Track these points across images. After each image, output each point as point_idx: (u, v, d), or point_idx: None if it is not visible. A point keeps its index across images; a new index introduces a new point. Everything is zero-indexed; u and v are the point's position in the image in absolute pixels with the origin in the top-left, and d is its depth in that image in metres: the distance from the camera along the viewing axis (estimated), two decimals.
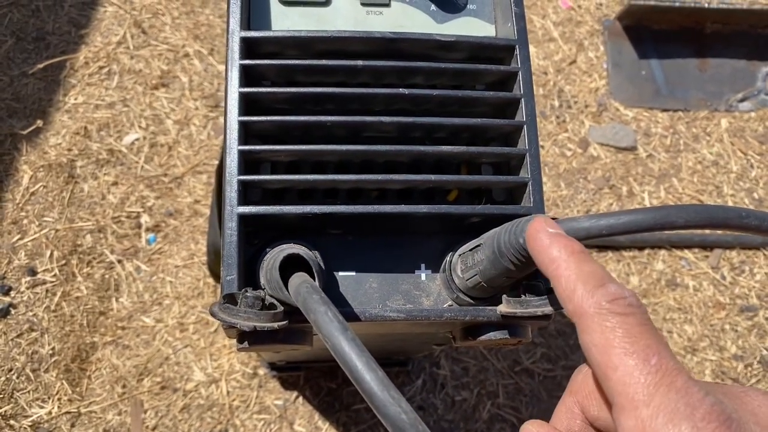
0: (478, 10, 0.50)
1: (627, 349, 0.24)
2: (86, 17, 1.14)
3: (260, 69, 0.44)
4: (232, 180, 0.41)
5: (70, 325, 0.90)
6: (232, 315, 0.35)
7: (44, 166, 1.00)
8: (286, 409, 0.90)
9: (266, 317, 0.35)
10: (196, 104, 1.09)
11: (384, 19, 0.50)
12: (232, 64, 0.43)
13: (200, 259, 0.97)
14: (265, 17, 0.49)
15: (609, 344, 0.25)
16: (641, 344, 0.24)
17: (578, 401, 0.31)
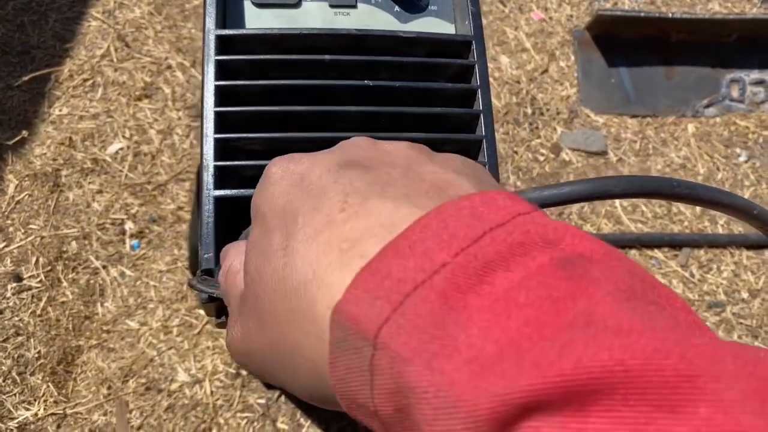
0: (439, 10, 0.53)
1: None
2: (70, 31, 1.16)
3: (234, 64, 0.47)
4: (209, 165, 0.44)
5: (56, 329, 0.92)
6: (209, 285, 0.37)
7: (29, 176, 1.02)
8: (269, 408, 0.92)
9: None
10: (178, 114, 1.11)
11: (351, 19, 0.54)
12: (208, 60, 0.47)
13: (183, 264, 1.00)
14: (240, 18, 0.52)
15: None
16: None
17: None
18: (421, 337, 0.20)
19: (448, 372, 0.19)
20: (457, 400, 0.18)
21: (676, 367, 0.16)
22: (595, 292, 0.19)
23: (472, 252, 0.21)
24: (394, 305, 0.20)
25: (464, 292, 0.20)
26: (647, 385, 0.16)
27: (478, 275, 0.20)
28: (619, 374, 0.16)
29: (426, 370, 0.19)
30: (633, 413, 0.16)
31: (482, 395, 0.18)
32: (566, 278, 0.20)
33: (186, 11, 1.22)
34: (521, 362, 0.18)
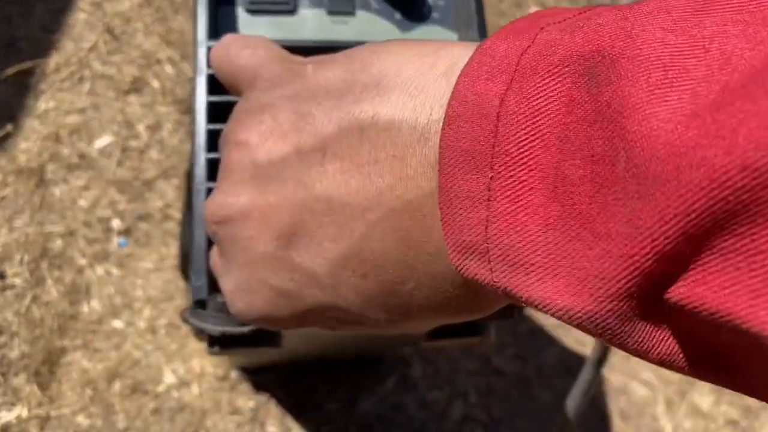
0: (441, 18, 0.51)
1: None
2: (58, 23, 1.14)
3: None
4: (201, 188, 0.42)
5: (40, 329, 0.90)
6: (201, 320, 0.36)
7: (14, 171, 0.99)
8: (258, 411, 0.90)
9: (236, 321, 0.36)
10: (168, 109, 1.09)
11: (349, 27, 0.52)
12: (200, 73, 0.45)
13: (171, 262, 0.98)
14: (232, 26, 0.50)
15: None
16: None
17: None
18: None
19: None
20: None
21: None
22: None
23: (499, 149, 0.21)
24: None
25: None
26: None
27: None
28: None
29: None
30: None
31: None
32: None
33: (176, 4, 1.19)
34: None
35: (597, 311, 0.19)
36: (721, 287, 0.16)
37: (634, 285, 0.18)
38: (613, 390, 1.00)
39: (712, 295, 0.16)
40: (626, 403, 0.99)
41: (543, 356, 1.00)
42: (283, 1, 0.50)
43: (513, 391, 0.97)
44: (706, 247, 0.16)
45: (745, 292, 0.16)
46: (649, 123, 0.17)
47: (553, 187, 0.19)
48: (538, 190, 0.20)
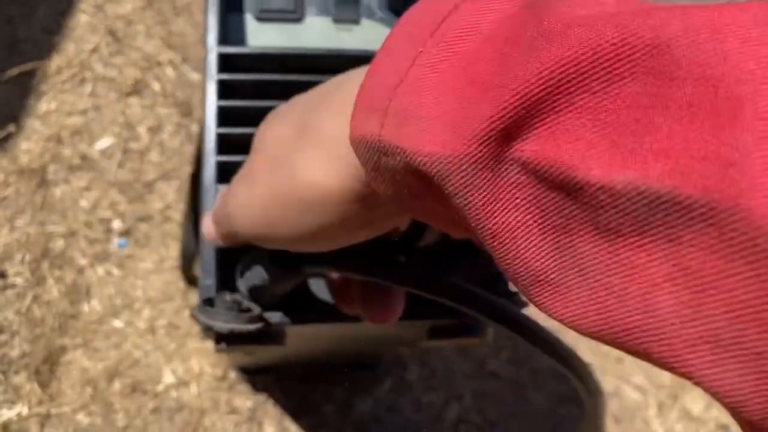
0: None
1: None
2: (59, 25, 1.15)
3: (236, 83, 0.47)
4: (210, 189, 0.44)
5: (41, 328, 0.91)
6: (210, 317, 0.37)
7: (16, 171, 1.00)
8: (256, 411, 0.91)
9: (243, 319, 0.37)
10: (168, 111, 1.10)
11: (354, 35, 0.53)
12: (210, 79, 0.46)
13: (171, 263, 0.99)
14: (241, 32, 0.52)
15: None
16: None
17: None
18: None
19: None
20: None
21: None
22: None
23: (438, 34, 0.23)
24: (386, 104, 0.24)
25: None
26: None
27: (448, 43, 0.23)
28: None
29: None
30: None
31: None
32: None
33: (177, 7, 1.21)
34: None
35: (458, 154, 0.20)
36: (567, 141, 0.18)
37: (497, 128, 0.19)
38: (606, 394, 1.01)
39: (557, 148, 0.18)
40: (619, 406, 1.01)
41: (537, 360, 1.02)
42: (291, 9, 0.52)
43: (507, 394, 0.99)
44: (568, 101, 0.18)
45: (583, 144, 0.18)
46: (560, 13, 0.20)
47: (466, 64, 0.22)
48: (452, 66, 0.22)
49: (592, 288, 0.19)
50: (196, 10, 1.21)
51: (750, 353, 0.15)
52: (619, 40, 0.17)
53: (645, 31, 0.17)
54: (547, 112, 0.18)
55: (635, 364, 1.04)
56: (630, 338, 0.18)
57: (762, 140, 0.14)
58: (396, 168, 0.23)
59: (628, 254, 0.17)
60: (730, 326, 0.15)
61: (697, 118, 0.16)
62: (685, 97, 0.16)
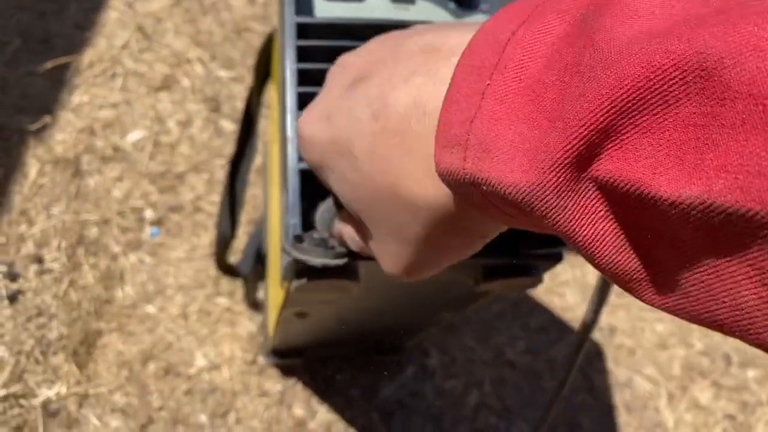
0: (489, 9, 0.58)
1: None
2: (91, 21, 1.18)
3: (311, 49, 0.51)
4: (294, 140, 0.48)
5: (77, 312, 0.94)
6: (303, 252, 0.40)
7: (51, 161, 1.04)
8: (285, 394, 0.94)
9: (332, 255, 0.41)
10: (197, 106, 1.14)
11: (410, 13, 0.58)
12: (289, 45, 0.50)
13: (202, 252, 1.02)
14: (309, 9, 0.56)
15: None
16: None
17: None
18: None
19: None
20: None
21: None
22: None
23: (501, 65, 0.25)
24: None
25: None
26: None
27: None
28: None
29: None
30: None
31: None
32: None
33: (205, 6, 1.24)
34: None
35: (539, 182, 0.22)
36: (636, 160, 0.19)
37: (572, 155, 0.21)
38: (618, 384, 1.05)
39: (628, 167, 0.19)
40: (630, 396, 1.05)
41: (553, 351, 1.06)
42: None
43: (524, 382, 1.02)
44: (632, 123, 0.19)
45: (651, 162, 0.19)
46: (613, 34, 0.21)
47: (532, 92, 0.23)
48: (519, 95, 0.23)
49: (682, 285, 0.21)
50: (222, 9, 1.25)
51: None
52: (670, 66, 0.18)
53: (692, 55, 0.18)
54: (615, 135, 0.20)
55: (647, 357, 1.08)
56: (724, 329, 0.20)
57: None
58: (484, 194, 0.25)
59: (709, 259, 0.19)
60: None
61: (750, 135, 0.17)
62: (737, 116, 0.17)
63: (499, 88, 0.24)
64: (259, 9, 1.28)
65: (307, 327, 0.73)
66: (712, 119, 0.18)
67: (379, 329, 0.84)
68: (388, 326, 0.83)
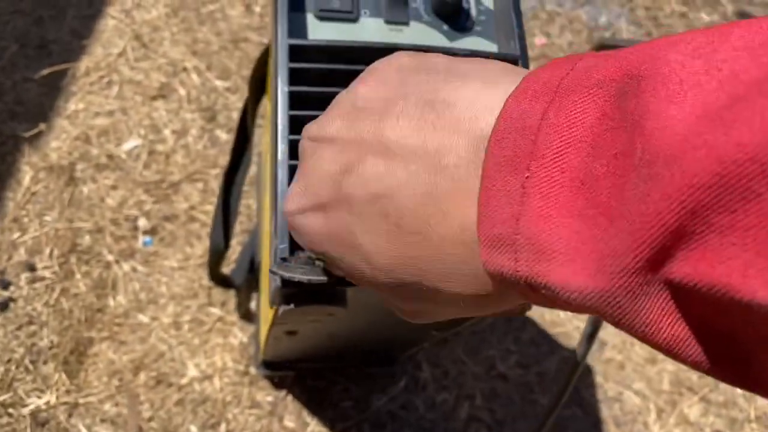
0: (483, 31, 0.58)
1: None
2: (88, 29, 1.18)
3: (303, 71, 0.51)
4: (284, 164, 0.48)
5: (69, 320, 0.93)
6: (289, 271, 0.41)
7: (45, 168, 1.03)
8: (277, 406, 0.94)
9: (318, 272, 0.41)
10: (193, 116, 1.14)
11: (404, 35, 0.58)
12: (282, 67, 0.50)
13: (195, 262, 1.02)
14: (303, 29, 0.56)
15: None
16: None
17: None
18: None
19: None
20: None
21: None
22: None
23: (539, 154, 0.23)
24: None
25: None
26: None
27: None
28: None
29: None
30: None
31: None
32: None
33: (202, 15, 1.25)
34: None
35: (609, 288, 0.20)
36: (719, 261, 0.18)
37: (643, 259, 0.19)
38: (608, 399, 1.06)
39: (710, 269, 0.18)
40: (620, 411, 1.05)
41: (544, 364, 1.06)
42: (348, 9, 0.57)
43: (515, 395, 1.03)
44: (706, 223, 0.18)
45: (739, 264, 0.17)
46: (665, 120, 0.19)
47: (581, 184, 0.21)
48: (566, 188, 0.22)
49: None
50: (219, 19, 1.25)
51: None
52: (745, 160, 0.17)
53: (765, 146, 0.17)
54: (689, 237, 0.18)
55: (636, 372, 1.08)
56: None
57: None
58: (542, 294, 0.23)
59: None
60: None
61: None
62: None
63: (541, 181, 0.22)
64: (256, 19, 1.28)
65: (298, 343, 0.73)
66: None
67: (369, 344, 0.84)
68: (378, 341, 0.83)
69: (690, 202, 0.18)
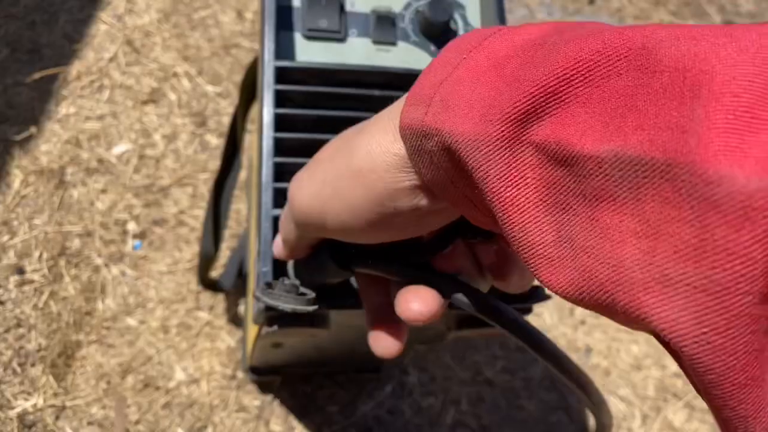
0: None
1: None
2: (80, 33, 1.19)
3: (290, 94, 0.52)
4: (268, 187, 0.49)
5: (57, 323, 0.94)
6: (273, 298, 0.41)
7: (35, 172, 1.04)
8: (263, 409, 0.95)
9: (302, 301, 0.42)
10: (183, 121, 1.14)
11: (392, 55, 0.59)
12: (267, 89, 0.51)
13: (183, 266, 1.02)
14: (290, 49, 0.57)
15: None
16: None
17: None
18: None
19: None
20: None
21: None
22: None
23: (480, 46, 0.28)
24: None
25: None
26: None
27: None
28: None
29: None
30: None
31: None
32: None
33: (193, 21, 1.26)
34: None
35: (484, 133, 0.24)
36: (570, 124, 0.22)
37: (520, 111, 0.23)
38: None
39: (561, 129, 0.22)
40: None
41: (530, 370, 1.07)
42: (336, 29, 0.57)
43: (501, 400, 1.03)
44: (574, 93, 0.22)
45: (582, 126, 0.21)
46: (582, 27, 0.24)
47: (496, 63, 0.26)
48: (488, 67, 0.26)
49: (576, 254, 0.22)
50: (211, 26, 1.26)
51: (689, 287, 0.18)
52: (620, 44, 0.21)
53: (638, 37, 0.21)
54: (558, 102, 0.22)
55: (622, 378, 1.09)
56: (602, 293, 0.21)
57: (712, 112, 0.17)
58: (434, 150, 0.27)
59: (605, 217, 0.21)
60: (675, 265, 0.18)
61: (668, 100, 0.19)
62: (662, 85, 0.19)
63: (472, 61, 0.27)
64: (248, 26, 1.29)
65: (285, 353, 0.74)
66: (640, 89, 0.20)
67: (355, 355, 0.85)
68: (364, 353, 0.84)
69: (570, 70, 0.22)
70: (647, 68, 0.20)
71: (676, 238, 0.18)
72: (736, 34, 0.19)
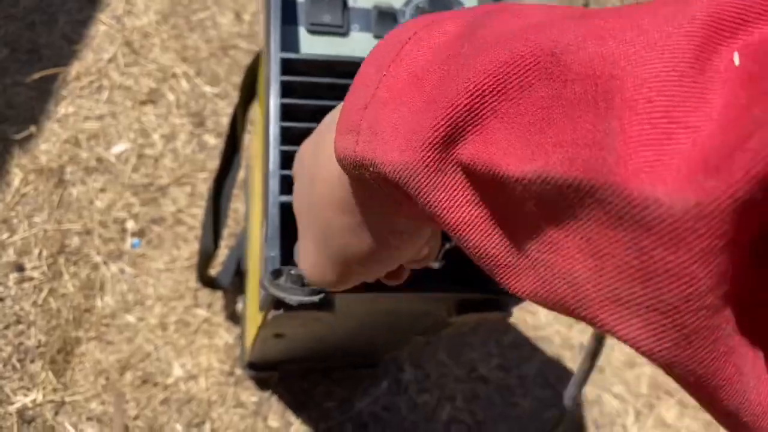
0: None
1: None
2: (79, 34, 1.20)
3: (294, 84, 0.53)
4: (275, 174, 0.50)
5: (57, 320, 0.94)
6: (280, 290, 0.42)
7: (35, 170, 1.05)
8: (261, 405, 0.96)
9: (308, 292, 0.42)
10: (182, 121, 1.16)
11: None
12: (274, 79, 0.52)
13: (181, 264, 1.03)
14: (295, 43, 0.58)
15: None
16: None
17: None
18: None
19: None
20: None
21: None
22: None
23: (398, 59, 0.27)
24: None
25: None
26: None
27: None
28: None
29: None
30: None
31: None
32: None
33: (192, 22, 1.27)
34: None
35: (412, 161, 0.23)
36: (492, 143, 0.21)
37: (440, 135, 0.22)
38: (588, 401, 1.08)
39: (484, 149, 0.21)
40: (599, 414, 1.07)
41: (525, 367, 1.08)
42: (339, 24, 0.59)
43: (496, 397, 1.05)
44: (491, 109, 0.21)
45: (504, 145, 0.20)
46: (493, 28, 0.23)
47: (416, 78, 0.24)
48: (403, 81, 0.25)
49: (534, 265, 0.21)
50: (209, 27, 1.27)
51: (641, 307, 0.17)
52: (527, 52, 0.20)
53: (546, 43, 0.19)
54: (478, 120, 0.21)
55: (615, 375, 1.11)
56: (564, 305, 0.21)
57: (627, 124, 0.16)
58: (373, 177, 0.26)
59: (552, 233, 0.20)
60: (623, 285, 0.18)
61: (583, 111, 0.18)
62: (575, 95, 0.18)
63: (391, 79, 0.26)
64: (246, 27, 1.30)
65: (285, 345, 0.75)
66: (554, 100, 0.19)
67: (354, 346, 0.86)
68: (363, 344, 0.85)
69: (483, 86, 0.21)
70: (558, 77, 0.19)
71: (618, 259, 0.18)
72: (644, 24, 0.18)
